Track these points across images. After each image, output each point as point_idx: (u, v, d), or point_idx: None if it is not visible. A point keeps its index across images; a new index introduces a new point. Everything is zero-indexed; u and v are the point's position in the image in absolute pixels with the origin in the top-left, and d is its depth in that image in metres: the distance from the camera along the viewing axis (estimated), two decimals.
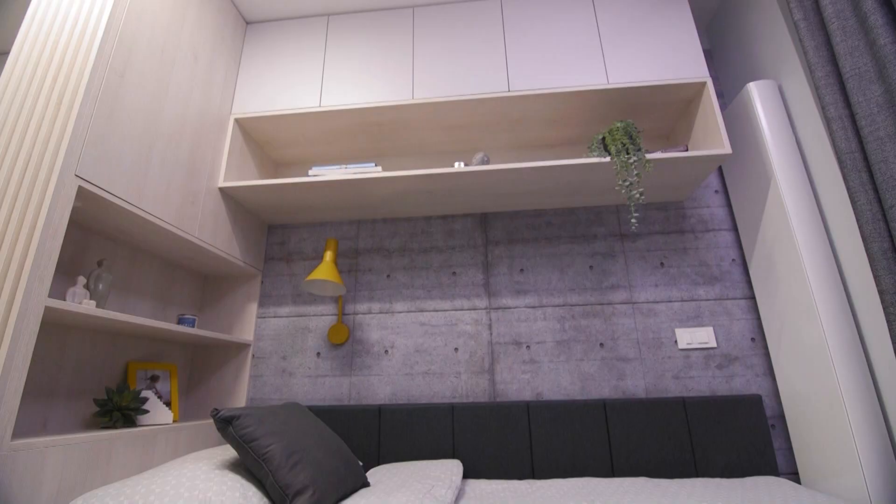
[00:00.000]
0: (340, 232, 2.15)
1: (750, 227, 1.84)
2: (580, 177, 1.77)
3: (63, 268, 1.34)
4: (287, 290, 2.09)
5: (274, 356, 2.00)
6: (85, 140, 1.19)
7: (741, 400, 1.69)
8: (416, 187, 1.82)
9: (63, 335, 1.34)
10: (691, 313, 1.87)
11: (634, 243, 1.99)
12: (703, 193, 2.04)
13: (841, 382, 1.41)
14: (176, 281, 1.86)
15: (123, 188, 1.31)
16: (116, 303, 1.54)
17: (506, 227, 2.08)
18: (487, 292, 1.99)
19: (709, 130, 1.73)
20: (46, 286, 1.06)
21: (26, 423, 1.21)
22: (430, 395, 1.88)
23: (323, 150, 2.11)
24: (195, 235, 1.61)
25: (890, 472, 1.33)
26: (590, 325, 1.90)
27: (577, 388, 1.83)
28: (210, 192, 1.73)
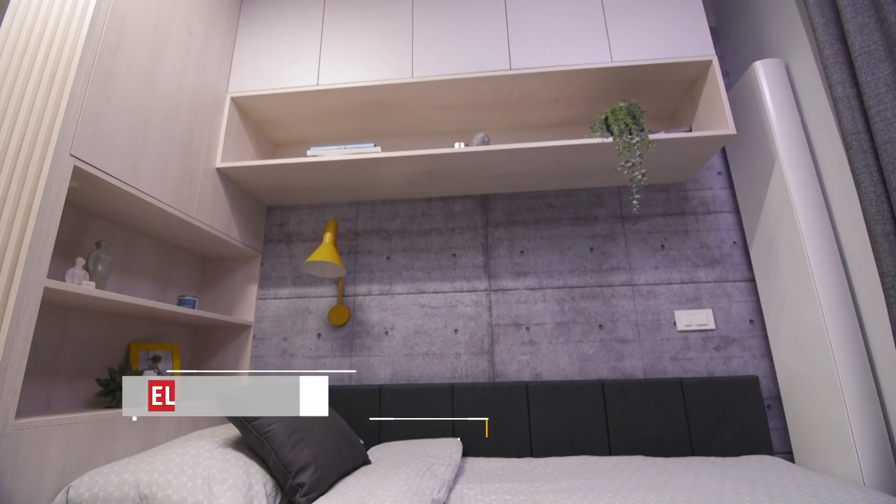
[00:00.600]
0: (340, 213, 2.14)
1: (752, 210, 1.82)
2: (581, 158, 1.75)
3: (61, 249, 1.33)
4: (287, 271, 2.09)
5: (275, 337, 2.01)
6: (79, 119, 1.17)
7: (738, 381, 1.70)
8: (416, 168, 1.80)
9: (64, 316, 1.35)
10: (691, 295, 1.88)
11: (635, 225, 1.98)
12: (705, 175, 2.02)
13: (838, 364, 1.42)
14: (175, 262, 1.85)
15: (119, 168, 1.29)
16: (116, 284, 1.54)
17: (506, 208, 2.06)
18: (487, 274, 1.99)
19: (713, 110, 1.70)
20: (45, 267, 1.06)
21: (30, 402, 1.22)
22: (430, 375, 1.89)
23: (321, 130, 2.08)
24: (193, 216, 1.60)
25: (883, 451, 1.35)
26: (589, 306, 1.91)
27: (575, 368, 1.84)
28: (207, 173, 1.71)
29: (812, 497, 1.07)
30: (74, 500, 1.02)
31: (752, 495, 1.11)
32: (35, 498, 1.00)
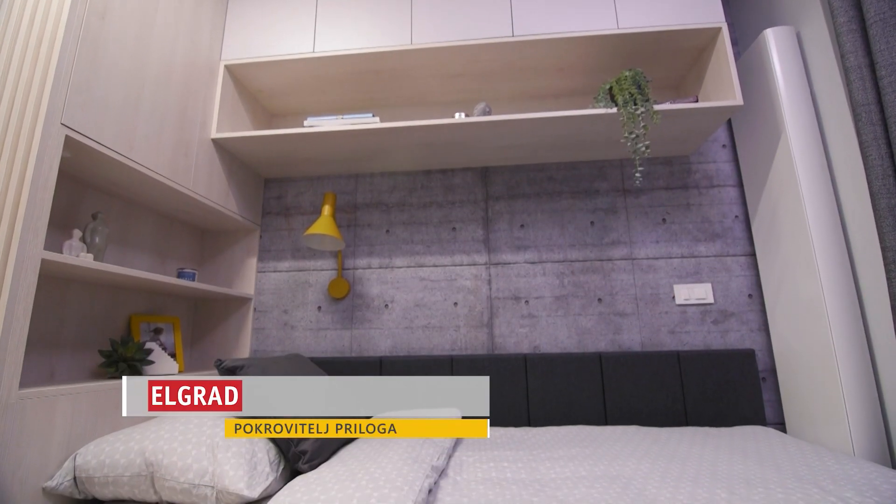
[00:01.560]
0: (338, 186, 2.11)
1: (756, 183, 1.80)
2: (585, 129, 1.71)
3: (57, 221, 1.32)
4: (286, 244, 2.08)
5: (275, 310, 2.02)
6: (68, 87, 1.14)
7: (734, 354, 1.72)
8: (415, 139, 1.77)
9: (63, 288, 1.35)
10: (691, 269, 1.88)
11: (637, 199, 1.96)
12: (710, 148, 1.98)
13: (835, 338, 1.43)
14: (173, 235, 1.84)
15: (112, 138, 1.27)
16: (114, 256, 1.53)
17: (507, 181, 2.04)
18: (487, 248, 1.98)
19: (721, 80, 1.66)
20: (41, 239, 1.05)
21: (34, 373, 1.23)
22: (429, 347, 1.91)
23: (318, 99, 2.03)
24: (189, 188, 1.58)
25: (874, 424, 1.38)
26: (589, 280, 1.91)
27: (574, 341, 1.86)
28: (203, 144, 1.68)
29: (803, 465, 1.10)
30: (82, 466, 1.04)
31: (745, 463, 1.13)
32: (43, 465, 1.02)
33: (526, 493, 0.99)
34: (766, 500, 0.89)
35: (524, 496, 0.97)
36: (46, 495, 1.02)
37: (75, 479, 1.04)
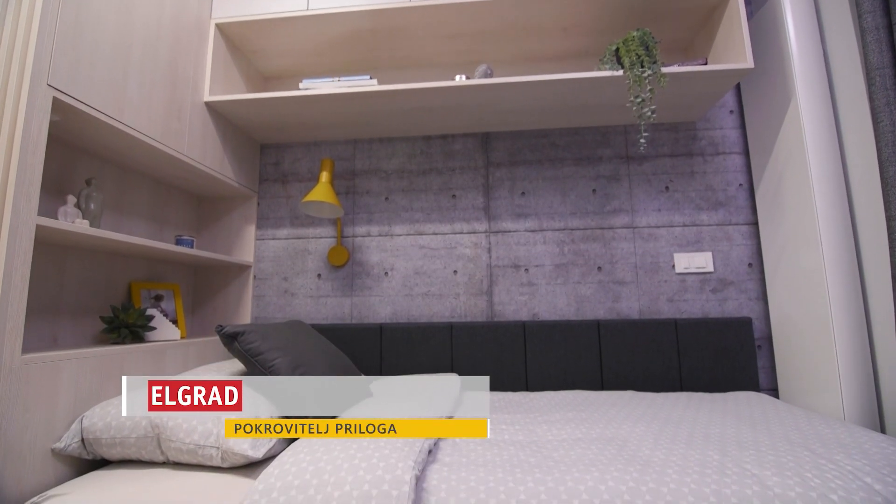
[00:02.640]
0: (336, 152, 2.07)
1: (762, 150, 1.77)
2: (589, 93, 1.66)
3: (50, 187, 1.29)
4: (284, 212, 2.06)
5: (275, 277, 2.02)
6: (53, 47, 1.09)
7: (731, 322, 1.74)
8: (415, 103, 1.72)
9: (61, 255, 1.34)
10: (692, 238, 1.87)
11: (640, 166, 1.93)
12: (717, 114, 1.93)
13: (833, 307, 1.44)
14: (170, 202, 1.82)
15: (101, 100, 1.23)
16: (111, 223, 1.51)
17: (508, 148, 2.00)
18: (487, 216, 1.97)
19: (731, 42, 1.60)
20: (34, 204, 1.03)
21: (36, 339, 1.24)
22: (429, 315, 1.93)
23: (314, 61, 1.96)
24: (184, 153, 1.55)
25: (866, 391, 1.40)
26: (589, 249, 1.90)
27: (572, 309, 1.87)
28: (196, 107, 1.63)
29: (794, 430, 1.13)
30: (89, 428, 1.06)
31: (738, 427, 1.16)
32: (51, 427, 1.05)
33: (523, 453, 1.01)
34: (757, 461, 0.92)
35: (521, 456, 0.99)
36: (56, 456, 1.05)
37: (83, 440, 1.07)
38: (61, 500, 0.91)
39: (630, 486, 0.84)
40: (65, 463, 1.07)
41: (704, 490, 0.82)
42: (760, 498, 0.80)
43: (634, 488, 0.83)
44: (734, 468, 0.89)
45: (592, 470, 0.90)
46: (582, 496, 0.82)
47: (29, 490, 0.98)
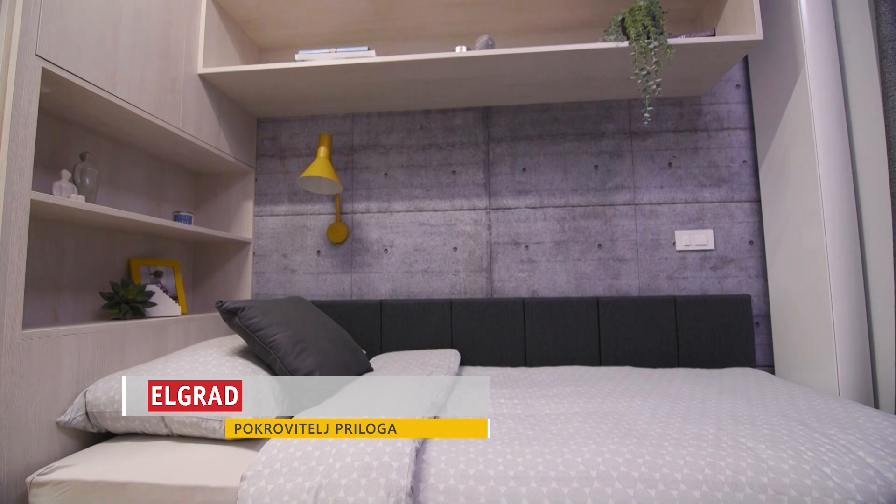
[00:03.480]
0: (334, 126, 2.04)
1: (768, 126, 1.74)
2: (593, 65, 1.62)
3: (44, 162, 1.27)
4: (282, 188, 2.04)
5: (275, 254, 2.02)
6: (40, 15, 1.05)
7: (730, 299, 1.74)
8: (414, 75, 1.68)
9: (58, 231, 1.33)
10: (693, 215, 1.85)
11: (644, 142, 1.90)
12: (723, 88, 1.89)
13: (833, 286, 1.44)
14: (167, 178, 1.80)
15: (92, 72, 1.19)
16: (107, 199, 1.50)
17: (509, 122, 1.96)
18: (488, 192, 1.95)
19: (740, 13, 1.55)
20: (28, 178, 1.01)
21: (38, 315, 1.24)
22: (429, 291, 1.93)
23: (311, 32, 1.91)
24: (179, 127, 1.52)
25: (862, 368, 1.41)
26: (589, 226, 1.89)
27: (572, 286, 1.88)
28: (190, 80, 1.59)
29: (789, 404, 1.14)
30: (92, 402, 1.07)
31: (733, 402, 1.18)
32: (55, 401, 1.06)
33: (521, 427, 1.03)
34: (752, 435, 0.93)
35: (520, 430, 1.01)
36: (61, 429, 1.07)
37: (87, 413, 1.08)
38: (68, 472, 0.93)
39: (626, 458, 0.85)
40: (70, 435, 1.09)
41: (699, 462, 0.83)
42: (754, 470, 0.81)
43: (631, 460, 0.85)
44: (729, 441, 0.90)
45: (590, 443, 0.91)
46: (579, 467, 0.84)
47: (36, 461, 0.99)
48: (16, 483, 0.95)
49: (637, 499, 0.79)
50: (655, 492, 0.79)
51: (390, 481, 0.79)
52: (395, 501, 0.77)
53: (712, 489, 0.79)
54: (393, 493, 0.77)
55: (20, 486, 0.95)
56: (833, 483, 0.78)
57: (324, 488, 0.79)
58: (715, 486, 0.79)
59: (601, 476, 0.82)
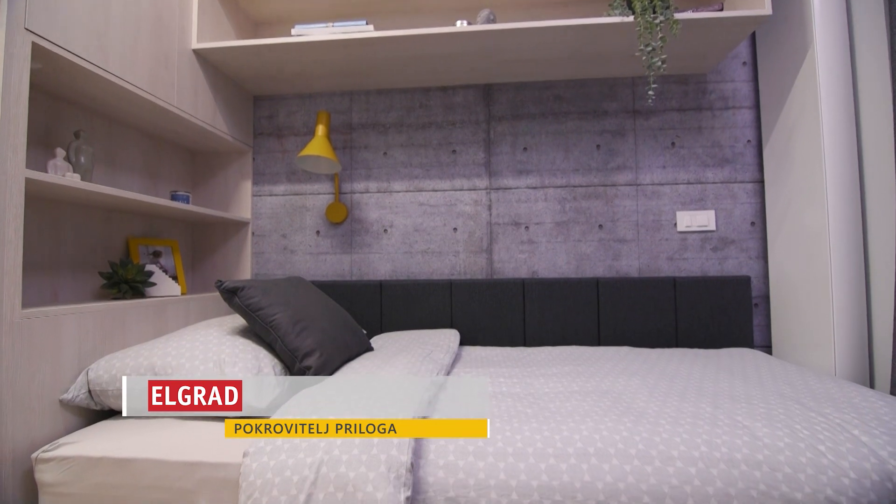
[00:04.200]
0: (332, 104, 2.00)
1: (774, 104, 1.71)
2: (597, 41, 1.58)
3: (38, 140, 1.25)
4: (280, 167, 2.01)
5: (274, 234, 2.01)
6: None
7: (730, 280, 1.75)
8: (413, 51, 1.64)
9: (55, 211, 1.32)
10: (696, 196, 1.84)
11: (647, 121, 1.87)
12: (728, 65, 1.85)
13: (833, 267, 1.44)
14: (163, 157, 1.78)
15: (83, 46, 1.16)
16: (103, 178, 1.48)
17: (510, 100, 1.93)
18: (488, 172, 1.93)
19: None
20: (21, 156, 1.00)
21: (37, 295, 1.24)
22: (429, 272, 1.93)
23: (307, 5, 1.85)
24: (174, 104, 1.49)
25: (860, 350, 1.42)
26: (590, 206, 1.88)
27: (572, 267, 1.87)
28: (184, 55, 1.56)
29: (786, 384, 1.15)
30: (95, 381, 1.08)
31: (730, 381, 1.19)
32: (57, 379, 1.06)
33: (520, 405, 1.04)
34: (748, 413, 0.94)
35: (518, 407, 1.02)
36: (64, 407, 1.08)
37: (90, 391, 1.09)
38: (72, 448, 0.94)
39: (624, 435, 0.86)
40: (74, 413, 1.10)
41: (696, 440, 0.84)
42: (750, 447, 0.82)
43: (628, 437, 0.86)
44: (726, 420, 0.91)
45: (588, 420, 0.92)
46: (577, 444, 0.85)
47: (41, 438, 1.01)
48: (21, 459, 0.96)
49: (634, 475, 0.80)
50: (652, 468, 0.81)
51: (391, 457, 0.80)
52: (396, 476, 0.78)
53: (708, 466, 0.80)
54: (393, 469, 0.78)
55: (26, 462, 0.96)
56: (827, 460, 0.79)
57: (325, 464, 0.80)
58: (711, 462, 0.80)
59: (598, 453, 0.83)
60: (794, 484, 0.77)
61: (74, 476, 0.92)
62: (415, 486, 0.81)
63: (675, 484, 0.79)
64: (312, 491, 0.78)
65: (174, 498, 0.89)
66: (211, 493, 0.88)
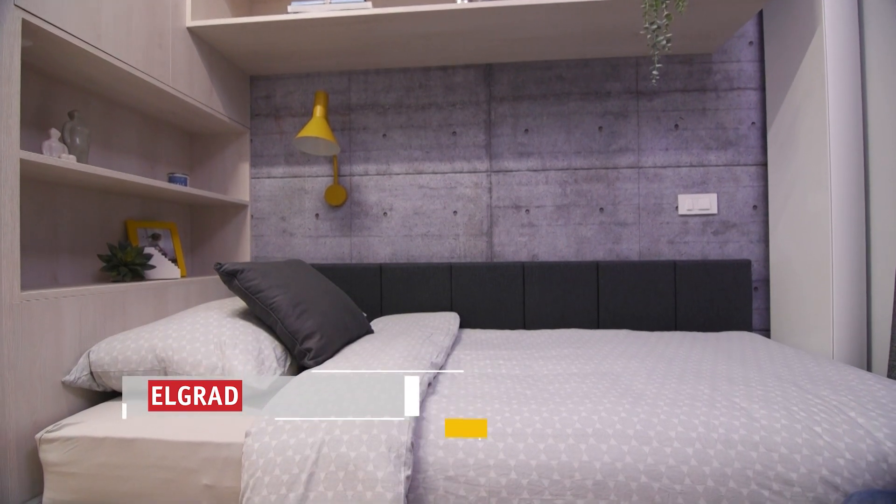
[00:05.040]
0: (330, 84, 1.97)
1: (779, 85, 1.68)
2: (601, 19, 1.54)
3: (32, 120, 1.23)
4: (279, 149, 1.99)
5: (273, 217, 2.00)
6: None
7: (730, 264, 1.74)
8: (413, 28, 1.60)
9: (52, 193, 1.30)
10: (698, 179, 1.82)
11: (650, 102, 1.84)
12: (734, 45, 1.81)
13: (834, 251, 1.43)
14: (160, 138, 1.75)
15: (76, 24, 1.13)
16: (99, 160, 1.46)
17: (511, 81, 1.89)
18: (489, 154, 1.91)
19: None
20: (15, 137, 0.98)
21: (36, 277, 1.24)
22: (429, 255, 1.93)
23: None
24: (169, 84, 1.46)
25: (858, 333, 1.43)
26: (592, 189, 1.86)
27: (572, 250, 1.87)
28: (178, 34, 1.52)
29: (784, 367, 1.16)
30: (96, 362, 1.09)
31: (728, 364, 1.19)
32: (58, 361, 1.07)
33: (519, 386, 1.05)
34: (746, 395, 0.95)
35: (517, 389, 1.03)
36: (67, 388, 1.08)
37: (91, 373, 1.10)
38: (76, 428, 0.95)
39: (622, 416, 0.87)
40: (76, 394, 1.11)
41: (693, 421, 0.85)
42: (747, 428, 0.83)
43: (626, 418, 0.87)
44: (723, 401, 0.92)
45: (586, 402, 0.93)
46: (575, 425, 0.86)
47: (44, 419, 1.02)
48: (25, 439, 0.97)
49: (631, 455, 0.81)
50: (649, 448, 0.82)
51: (391, 437, 0.80)
52: (396, 456, 0.79)
53: (705, 446, 0.81)
54: (394, 448, 0.79)
55: (30, 442, 0.97)
56: (823, 441, 0.80)
57: (326, 444, 0.81)
58: (708, 443, 0.81)
59: (597, 433, 0.84)
60: (789, 464, 0.78)
61: (78, 456, 0.93)
62: (415, 465, 0.82)
63: (673, 464, 0.80)
64: (314, 470, 0.79)
65: (177, 477, 0.90)
66: (214, 473, 0.89)
